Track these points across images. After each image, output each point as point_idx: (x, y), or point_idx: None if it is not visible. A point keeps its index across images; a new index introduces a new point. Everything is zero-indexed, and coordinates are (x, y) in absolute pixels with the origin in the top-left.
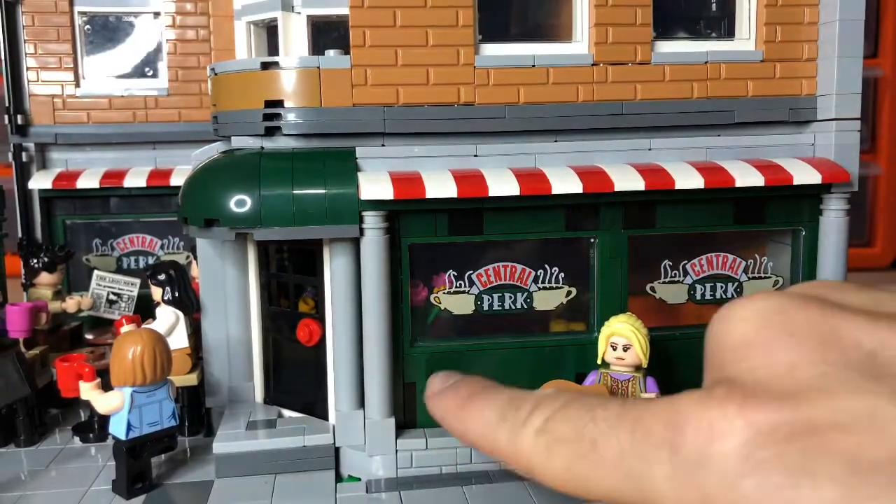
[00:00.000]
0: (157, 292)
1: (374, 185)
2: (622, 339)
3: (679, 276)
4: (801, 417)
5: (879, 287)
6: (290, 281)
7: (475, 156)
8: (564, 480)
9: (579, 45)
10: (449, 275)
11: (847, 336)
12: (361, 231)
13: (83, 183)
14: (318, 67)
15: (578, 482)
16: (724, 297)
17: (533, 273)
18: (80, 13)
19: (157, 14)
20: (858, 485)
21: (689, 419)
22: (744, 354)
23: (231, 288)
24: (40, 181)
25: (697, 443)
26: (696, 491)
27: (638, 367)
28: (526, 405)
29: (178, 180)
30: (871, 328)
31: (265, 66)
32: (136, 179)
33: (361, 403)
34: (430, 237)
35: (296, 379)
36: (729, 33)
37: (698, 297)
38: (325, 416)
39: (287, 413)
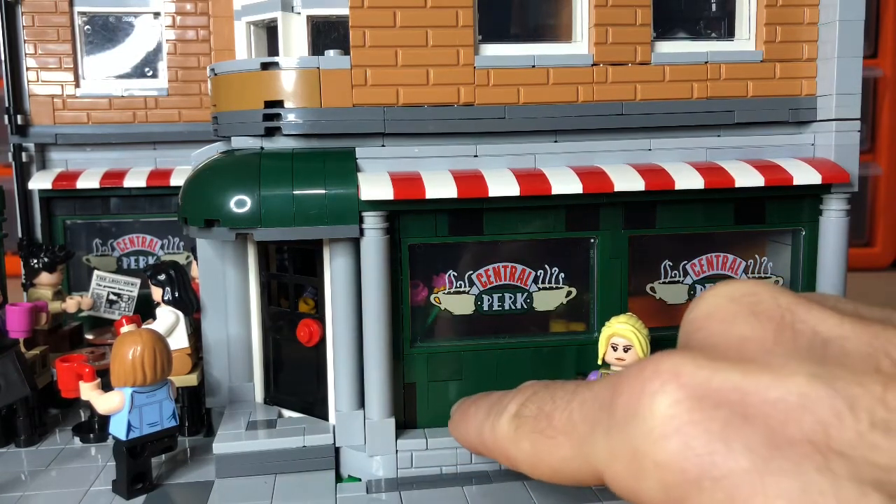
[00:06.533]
0: (157, 292)
1: (374, 186)
2: (623, 339)
3: (679, 277)
4: (735, 386)
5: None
6: (290, 281)
7: (475, 156)
8: (531, 462)
9: (579, 45)
10: (449, 275)
11: (807, 324)
12: (361, 231)
13: (83, 183)
14: (318, 68)
15: (542, 459)
16: None
17: (533, 273)
18: (79, 13)
19: (157, 14)
20: (771, 458)
21: (627, 380)
22: (704, 324)
23: (231, 288)
24: (40, 181)
25: (630, 401)
26: (626, 445)
27: None
28: (507, 398)
29: (178, 180)
30: (834, 322)
31: (265, 66)
32: (136, 179)
33: (361, 403)
34: (430, 237)
35: (296, 379)
36: (729, 33)
37: None
38: (325, 417)
39: (287, 413)
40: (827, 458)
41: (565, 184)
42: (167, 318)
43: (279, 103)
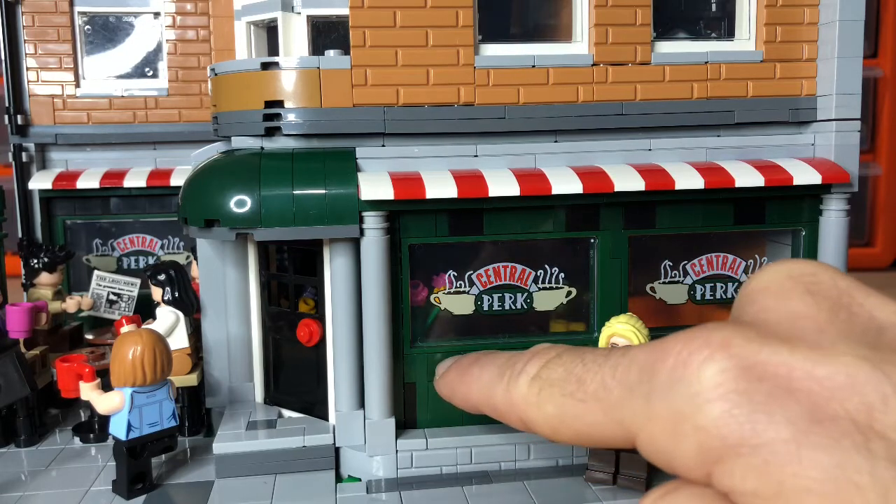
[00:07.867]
0: (157, 292)
1: (375, 186)
2: (623, 339)
3: (679, 277)
4: (783, 361)
5: None
6: (290, 281)
7: (475, 156)
8: (554, 425)
9: (579, 45)
10: (449, 275)
11: (863, 307)
12: (361, 231)
13: (83, 183)
14: (318, 68)
15: (567, 423)
16: (724, 297)
17: (533, 273)
18: (80, 13)
19: (157, 14)
20: (811, 432)
21: (674, 347)
22: (758, 298)
23: (231, 288)
24: (40, 181)
25: (676, 366)
26: (667, 408)
27: None
28: (522, 359)
29: (178, 180)
30: (893, 310)
31: (265, 66)
32: (136, 179)
33: (361, 403)
34: (430, 237)
35: (296, 379)
36: (729, 33)
37: (698, 297)
38: (325, 417)
39: (287, 413)
40: (867, 437)
41: (565, 184)
42: (167, 318)
43: (279, 103)
